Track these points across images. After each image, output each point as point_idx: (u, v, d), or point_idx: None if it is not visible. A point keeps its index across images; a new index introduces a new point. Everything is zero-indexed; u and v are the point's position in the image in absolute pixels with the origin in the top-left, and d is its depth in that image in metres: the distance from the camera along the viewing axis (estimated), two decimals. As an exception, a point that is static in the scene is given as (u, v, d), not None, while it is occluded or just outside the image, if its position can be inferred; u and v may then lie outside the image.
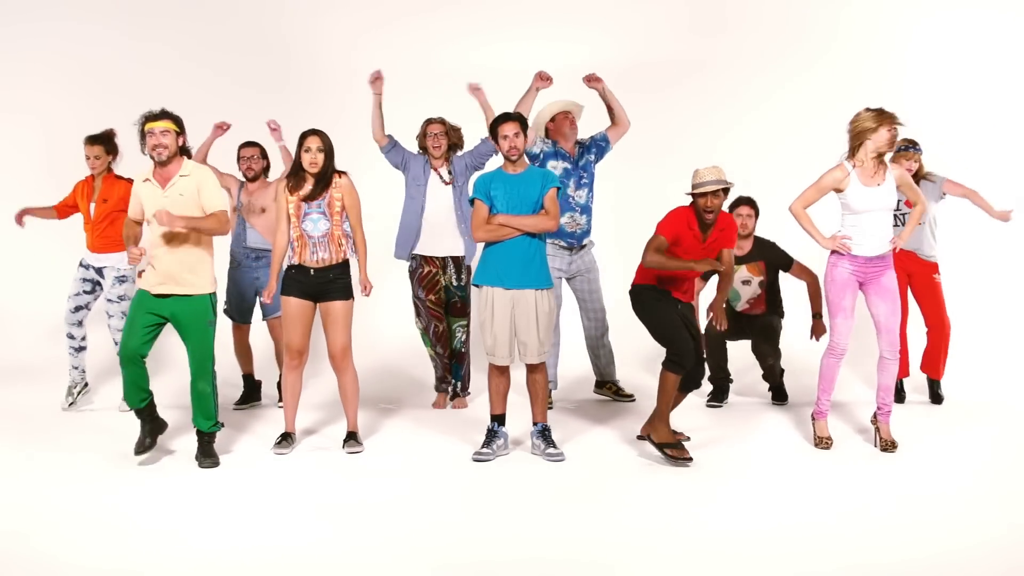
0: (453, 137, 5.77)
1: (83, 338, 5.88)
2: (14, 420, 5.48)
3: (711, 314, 4.92)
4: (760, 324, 5.86)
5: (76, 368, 5.89)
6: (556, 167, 5.71)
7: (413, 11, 7.74)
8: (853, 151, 4.70)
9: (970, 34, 7.60)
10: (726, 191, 4.63)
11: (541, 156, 5.73)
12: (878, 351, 4.82)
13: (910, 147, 5.75)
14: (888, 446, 4.76)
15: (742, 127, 7.51)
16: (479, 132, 5.70)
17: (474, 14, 7.67)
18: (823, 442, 4.81)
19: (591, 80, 5.71)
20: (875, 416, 4.89)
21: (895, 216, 5.60)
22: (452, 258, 5.73)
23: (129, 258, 4.48)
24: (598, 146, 5.84)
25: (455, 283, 5.75)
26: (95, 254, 5.82)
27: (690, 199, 4.69)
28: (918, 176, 5.74)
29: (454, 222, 5.68)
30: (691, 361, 4.63)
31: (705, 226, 4.68)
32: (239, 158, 5.90)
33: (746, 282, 5.84)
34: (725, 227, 4.76)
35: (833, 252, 4.78)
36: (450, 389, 5.97)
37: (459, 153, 5.79)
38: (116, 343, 5.84)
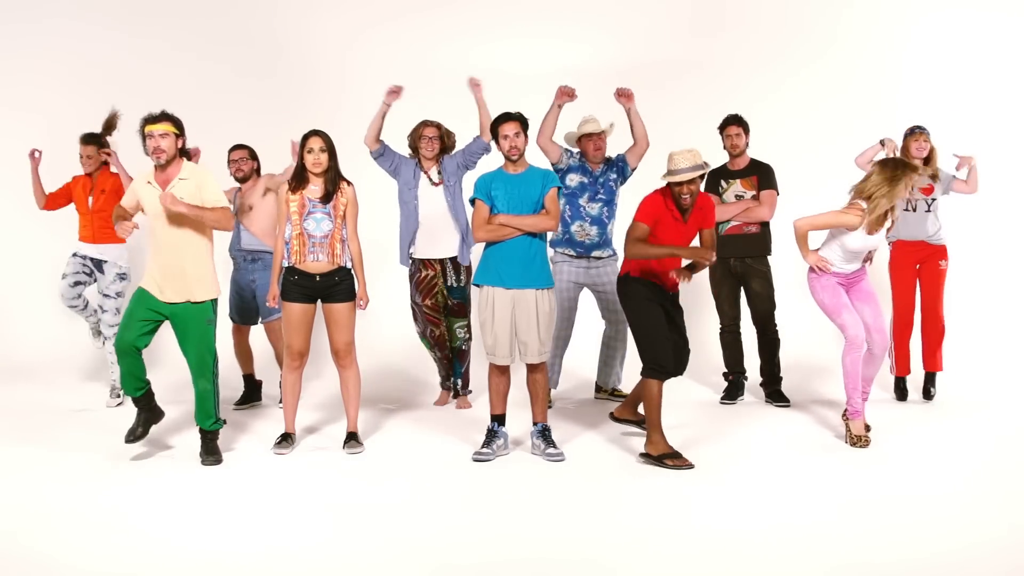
0: (446, 141, 5.74)
1: (86, 304, 5.93)
2: (13, 420, 5.49)
3: (676, 273, 4.53)
4: (752, 269, 5.84)
5: (95, 331, 6.01)
6: (573, 179, 5.69)
7: (411, 10, 7.73)
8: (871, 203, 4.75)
9: (969, 35, 7.59)
10: (703, 176, 4.51)
11: (565, 169, 5.71)
12: (866, 348, 4.94)
13: (917, 129, 5.82)
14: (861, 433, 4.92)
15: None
16: (475, 133, 5.68)
17: (473, 14, 7.65)
18: (861, 440, 4.82)
19: (621, 95, 5.61)
20: None
21: (919, 203, 5.85)
22: (450, 259, 5.72)
23: (120, 231, 4.46)
24: (618, 167, 5.78)
25: (453, 284, 5.74)
26: (93, 245, 5.86)
27: (665, 183, 4.51)
28: (928, 163, 5.80)
29: (450, 223, 5.67)
30: (672, 365, 4.52)
31: (683, 208, 4.53)
32: (229, 161, 5.90)
33: (739, 196, 5.87)
34: (703, 205, 4.62)
35: (811, 269, 4.93)
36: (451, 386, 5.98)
37: (451, 153, 5.76)
38: (107, 338, 5.87)
